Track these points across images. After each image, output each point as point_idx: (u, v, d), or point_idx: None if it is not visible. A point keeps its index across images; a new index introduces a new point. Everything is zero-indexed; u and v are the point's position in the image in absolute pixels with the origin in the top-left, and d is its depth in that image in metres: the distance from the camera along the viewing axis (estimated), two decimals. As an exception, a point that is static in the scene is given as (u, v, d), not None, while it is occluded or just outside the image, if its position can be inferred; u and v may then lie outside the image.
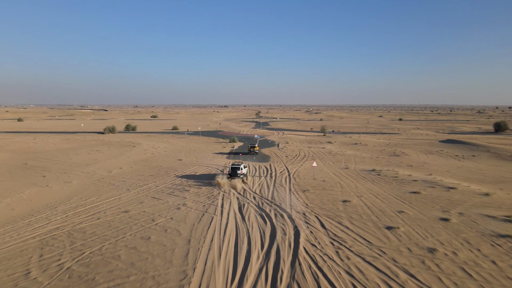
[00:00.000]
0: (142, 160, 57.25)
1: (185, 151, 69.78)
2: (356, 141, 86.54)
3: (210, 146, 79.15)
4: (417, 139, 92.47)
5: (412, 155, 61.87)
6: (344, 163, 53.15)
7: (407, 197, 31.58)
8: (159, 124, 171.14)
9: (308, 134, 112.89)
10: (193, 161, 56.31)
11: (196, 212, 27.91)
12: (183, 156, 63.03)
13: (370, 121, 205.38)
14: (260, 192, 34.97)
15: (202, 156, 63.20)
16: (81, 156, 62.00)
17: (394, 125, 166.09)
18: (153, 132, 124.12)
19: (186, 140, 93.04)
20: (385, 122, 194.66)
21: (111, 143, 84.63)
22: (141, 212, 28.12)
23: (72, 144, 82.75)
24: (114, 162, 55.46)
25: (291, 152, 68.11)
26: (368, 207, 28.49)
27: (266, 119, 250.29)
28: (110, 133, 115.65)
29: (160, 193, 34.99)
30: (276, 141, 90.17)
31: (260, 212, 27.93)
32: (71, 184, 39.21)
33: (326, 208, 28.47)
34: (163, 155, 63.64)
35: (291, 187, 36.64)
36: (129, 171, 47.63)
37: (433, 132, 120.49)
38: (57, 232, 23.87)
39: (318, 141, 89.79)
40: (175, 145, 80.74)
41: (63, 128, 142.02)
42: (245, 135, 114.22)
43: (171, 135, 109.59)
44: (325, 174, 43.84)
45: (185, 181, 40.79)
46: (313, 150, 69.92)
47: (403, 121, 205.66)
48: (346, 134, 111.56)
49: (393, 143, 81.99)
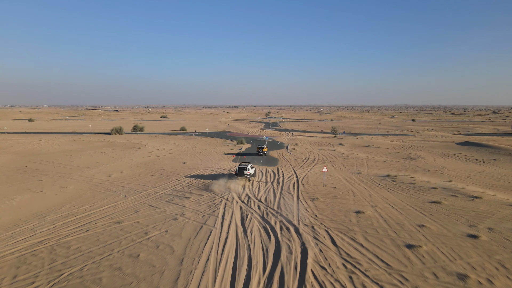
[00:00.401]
0: (145, 163, 55.18)
1: (190, 154, 67.58)
2: (368, 143, 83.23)
3: (217, 148, 76.83)
4: (432, 141, 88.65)
5: (428, 159, 58.48)
6: (356, 167, 50.19)
7: (427, 208, 28.59)
8: (167, 125, 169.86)
9: (318, 136, 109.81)
10: (197, 164, 53.99)
11: (194, 224, 25.43)
12: (188, 158, 60.77)
13: (382, 122, 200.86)
14: (265, 200, 32.36)
15: (207, 158, 60.86)
16: (83, 158, 60.26)
17: (407, 126, 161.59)
18: (160, 133, 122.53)
19: (193, 142, 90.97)
20: (398, 123, 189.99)
21: (116, 145, 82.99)
22: (135, 224, 25.77)
23: (77, 145, 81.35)
24: (116, 165, 53.49)
25: (300, 154, 65.31)
26: (384, 220, 25.62)
27: (276, 119, 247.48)
28: (117, 134, 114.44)
29: (158, 200, 32.66)
30: (285, 143, 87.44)
31: (264, 225, 25.32)
32: (67, 189, 37.17)
33: (338, 221, 25.70)
34: (168, 158, 61.51)
35: (299, 195, 33.93)
36: (129, 175, 45.51)
37: (448, 134, 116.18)
38: (39, 247, 21.65)
39: (329, 143, 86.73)
40: (181, 147, 78.66)
41: (72, 128, 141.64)
42: (254, 136, 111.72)
43: (178, 136, 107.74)
44: (336, 180, 40.99)
45: (186, 186, 38.42)
46: (323, 153, 66.99)
47: (416, 122, 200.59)
48: (357, 136, 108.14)
49: (407, 145, 78.47)
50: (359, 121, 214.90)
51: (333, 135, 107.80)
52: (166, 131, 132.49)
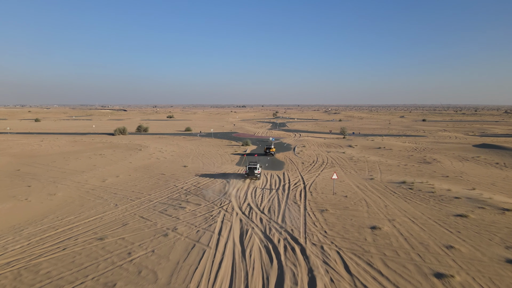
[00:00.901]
0: (144, 167, 52.33)
1: (193, 156, 64.62)
2: (379, 144, 79.43)
3: (221, 150, 73.77)
4: (447, 143, 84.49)
5: (445, 163, 54.64)
6: (368, 172, 46.67)
7: (453, 223, 25.07)
8: (173, 125, 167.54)
9: (326, 137, 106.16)
10: (198, 168, 50.97)
11: (186, 242, 22.30)
12: (190, 161, 57.81)
13: (391, 122, 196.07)
14: (269, 211, 29.11)
15: (210, 162, 57.81)
16: (80, 161, 57.66)
17: (418, 126, 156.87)
18: (164, 133, 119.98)
19: (196, 143, 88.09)
20: (408, 123, 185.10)
21: (118, 146, 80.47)
22: (119, 240, 22.73)
23: (78, 146, 79.01)
24: (113, 168, 50.72)
25: (307, 157, 61.89)
26: (404, 238, 22.20)
27: (283, 119, 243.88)
28: (120, 135, 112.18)
29: (151, 210, 29.64)
30: (292, 145, 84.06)
31: (266, 243, 22.09)
32: (54, 197, 34.36)
33: (351, 239, 22.35)
34: (168, 161, 58.62)
35: (306, 205, 30.62)
36: (125, 180, 42.64)
37: (463, 135, 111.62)
38: (4, 270, 18.73)
39: (338, 144, 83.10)
40: (184, 149, 75.80)
41: (76, 129, 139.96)
42: (260, 137, 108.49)
43: (183, 137, 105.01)
44: (346, 187, 37.56)
45: (184, 194, 35.35)
46: (332, 156, 63.49)
47: (427, 122, 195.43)
48: (367, 137, 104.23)
49: (420, 147, 74.53)
50: (368, 121, 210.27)
51: (342, 136, 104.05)
52: (171, 131, 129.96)
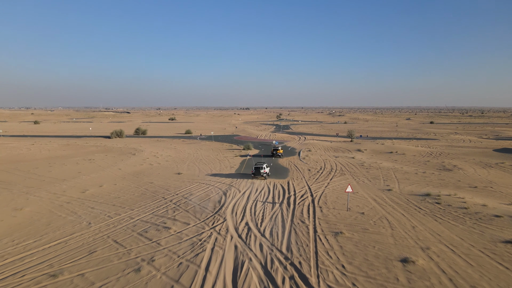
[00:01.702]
0: (134, 174, 47.34)
1: (189, 161, 59.55)
2: (391, 149, 73.99)
3: (220, 155, 68.65)
4: (463, 147, 78.85)
5: (468, 170, 49.15)
6: (384, 181, 41.33)
7: (505, 254, 19.72)
8: (174, 128, 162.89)
9: (333, 140, 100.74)
10: (194, 176, 45.87)
11: (162, 283, 17.09)
12: (185, 168, 52.73)
13: (399, 125, 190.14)
14: (270, 234, 23.87)
15: (207, 168, 52.69)
16: (66, 167, 52.76)
17: (428, 129, 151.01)
18: (163, 136, 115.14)
19: (195, 146, 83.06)
20: (416, 126, 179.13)
21: (111, 150, 75.63)
22: (77, 279, 17.61)
23: (68, 151, 74.27)
24: (99, 176, 45.76)
25: (314, 163, 56.61)
26: (449, 279, 16.88)
27: (287, 121, 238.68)
28: (117, 138, 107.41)
29: (128, 232, 24.52)
30: (297, 149, 78.80)
31: (266, 284, 16.89)
32: (20, 213, 29.35)
33: (378, 279, 17.07)
34: (162, 167, 53.59)
35: (316, 225, 25.36)
36: (109, 190, 37.61)
37: (476, 138, 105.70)
38: None
39: (346, 148, 77.70)
40: (181, 153, 70.77)
41: (73, 131, 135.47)
42: (263, 140, 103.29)
43: (182, 140, 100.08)
44: (361, 201, 32.27)
45: (171, 209, 30.23)
46: (341, 161, 58.16)
47: (435, 125, 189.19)
48: (376, 140, 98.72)
49: (436, 152, 68.98)
50: (374, 124, 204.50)
51: (349, 140, 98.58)
52: (170, 134, 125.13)
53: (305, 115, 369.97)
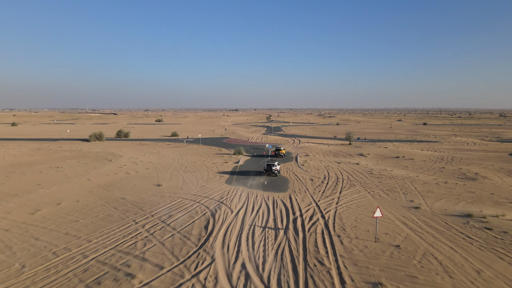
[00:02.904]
0: (105, 186, 39.63)
1: (173, 169, 51.99)
2: (396, 152, 67.57)
3: (208, 161, 61.20)
4: (471, 151, 72.98)
5: (494, 179, 42.75)
6: (404, 195, 34.55)
7: None
8: (160, 130, 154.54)
9: (330, 143, 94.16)
10: (176, 189, 38.41)
11: None
12: (167, 177, 45.21)
13: (393, 126, 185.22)
14: (278, 284, 16.67)
15: (192, 178, 45.24)
16: (25, 177, 44.67)
17: (424, 130, 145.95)
18: (147, 139, 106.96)
19: (181, 151, 75.38)
20: (410, 127, 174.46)
21: (86, 155, 67.43)
22: None
23: (38, 156, 65.83)
24: (61, 190, 37.91)
25: (315, 171, 49.65)
26: None
27: (277, 123, 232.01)
28: (96, 141, 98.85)
29: (73, 285, 17.04)
30: (293, 153, 71.80)
31: None
32: None
33: None
34: (140, 176, 45.95)
35: (340, 269, 18.24)
36: (67, 210, 29.91)
37: (479, 140, 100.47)
38: None
39: (346, 152, 71.03)
40: (165, 158, 63.08)
41: (50, 134, 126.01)
42: (254, 143, 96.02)
43: (167, 144, 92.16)
44: (389, 225, 25.32)
45: (141, 241, 22.76)
46: (345, 168, 51.37)
47: (431, 126, 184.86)
48: (375, 143, 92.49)
49: (447, 156, 62.73)
50: (367, 125, 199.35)
51: (347, 143, 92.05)
52: (155, 137, 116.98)
53: (294, 116, 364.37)
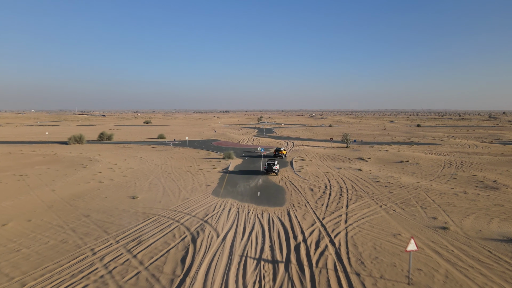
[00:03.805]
0: (69, 199, 33.60)
1: (154, 176, 46.10)
2: (398, 156, 62.58)
3: (195, 166, 55.38)
4: (477, 154, 68.43)
5: (516, 188, 37.89)
6: (423, 210, 29.26)
7: None
8: (147, 131, 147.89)
9: (325, 146, 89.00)
10: (154, 202, 32.55)
11: None
12: (146, 187, 39.32)
13: (387, 128, 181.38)
14: None
15: (175, 187, 39.43)
16: (-22, 188, 38.34)
17: (419, 132, 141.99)
18: (132, 142, 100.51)
19: (166, 155, 69.39)
20: (405, 129, 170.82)
21: (60, 161, 61.01)
22: None
23: (5, 162, 59.23)
24: (14, 204, 31.74)
25: (314, 178, 44.24)
26: None
27: (269, 125, 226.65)
28: (76, 144, 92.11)
29: None
30: (287, 157, 66.34)
31: None
32: None
33: None
34: (115, 186, 39.98)
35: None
36: (11, 234, 23.87)
37: (479, 142, 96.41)
38: None
39: (345, 156, 65.84)
40: (147, 164, 57.05)
41: (28, 136, 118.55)
42: (245, 146, 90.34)
43: (152, 147, 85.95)
44: (418, 254, 19.84)
45: (94, 283, 16.95)
46: (347, 175, 46.09)
47: (425, 127, 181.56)
48: (373, 145, 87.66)
49: (455, 161, 57.78)
50: (360, 127, 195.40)
51: (344, 145, 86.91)
52: (140, 139, 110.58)
53: (286, 118, 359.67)
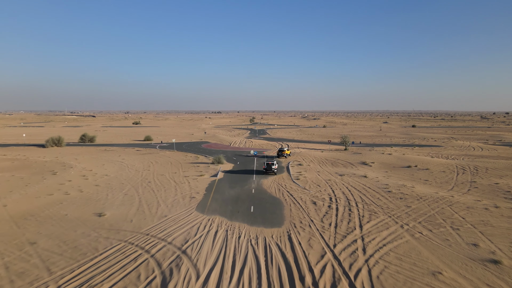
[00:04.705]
0: (20, 217, 27.32)
1: (131, 185, 39.93)
2: (404, 160, 57.17)
3: (180, 172, 49.30)
4: (486, 157, 63.36)
5: (551, 199, 32.57)
6: (455, 231, 23.63)
7: None
8: (134, 133, 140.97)
9: (322, 148, 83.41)
10: (123, 221, 26.44)
11: None
12: (119, 199, 33.16)
13: (382, 129, 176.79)
14: None
15: (153, 200, 33.30)
16: None
17: (417, 133, 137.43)
18: (116, 144, 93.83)
19: (151, 159, 63.12)
20: (401, 130, 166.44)
21: (29, 166, 54.38)
22: None
23: (-35, 168, 52.40)
24: None
25: (315, 188, 38.47)
26: None
27: (262, 125, 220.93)
28: (54, 146, 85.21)
29: None
30: (282, 161, 60.50)
31: None
32: None
33: None
34: (82, 198, 33.75)
35: None
36: None
37: (482, 144, 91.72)
38: None
39: (345, 160, 60.22)
40: (127, 170, 50.80)
41: (6, 139, 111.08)
42: (237, 149, 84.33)
43: (136, 150, 79.51)
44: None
45: None
46: (352, 183, 40.44)
47: (422, 128, 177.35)
48: (374, 148, 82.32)
49: (467, 166, 52.35)
50: (355, 127, 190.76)
51: (343, 148, 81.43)
52: (126, 141, 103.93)
53: (278, 118, 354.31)
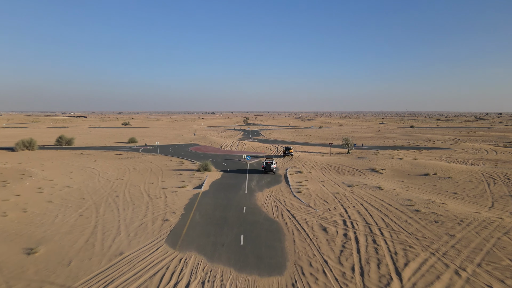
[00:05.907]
0: None
1: (94, 201, 31.94)
2: (418, 166, 49.78)
3: (159, 182, 41.35)
4: (507, 162, 56.38)
5: None
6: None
7: None
8: (119, 134, 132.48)
9: (322, 151, 75.92)
10: (58, 263, 18.52)
11: None
12: (69, 224, 25.21)
13: (381, 130, 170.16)
14: None
15: (113, 225, 25.37)
16: None
17: (418, 134, 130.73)
18: (95, 147, 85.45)
19: (129, 164, 55.08)
20: (401, 130, 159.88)
21: (-19, 175, 46.05)
22: None
23: None
24: None
25: (322, 204, 30.84)
26: None
27: (255, 126, 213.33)
28: (25, 150, 76.62)
29: None
30: (279, 167, 52.79)
31: None
32: None
33: None
34: (21, 222, 25.74)
35: None
36: None
37: (493, 146, 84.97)
38: None
39: (351, 166, 52.69)
40: (96, 179, 42.77)
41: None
42: (228, 152, 76.46)
43: (116, 153, 71.39)
44: None
45: None
46: (365, 197, 32.89)
47: (422, 129, 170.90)
48: (379, 151, 75.04)
49: (495, 173, 44.95)
50: (352, 128, 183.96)
51: (345, 151, 74.02)
52: (108, 143, 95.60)
53: (272, 119, 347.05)
